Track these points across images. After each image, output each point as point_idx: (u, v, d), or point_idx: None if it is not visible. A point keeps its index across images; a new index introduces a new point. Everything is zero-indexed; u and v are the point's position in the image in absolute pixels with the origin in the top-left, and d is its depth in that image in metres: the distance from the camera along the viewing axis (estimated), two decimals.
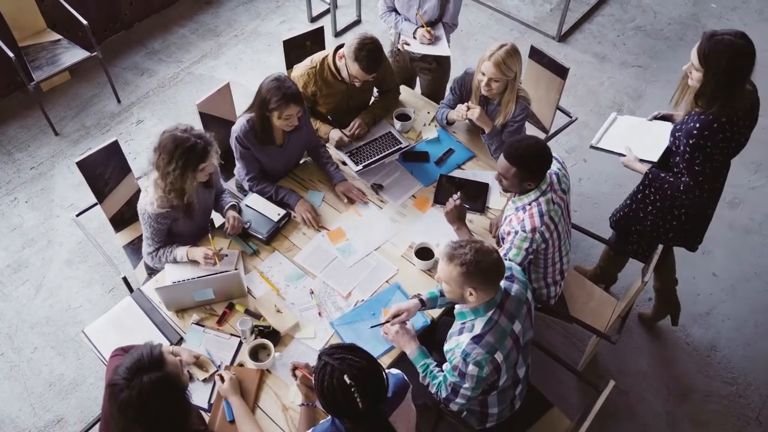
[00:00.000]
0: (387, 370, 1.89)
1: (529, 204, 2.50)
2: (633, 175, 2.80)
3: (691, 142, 2.44)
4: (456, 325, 2.27)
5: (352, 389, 1.76)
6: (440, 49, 3.33)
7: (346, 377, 1.76)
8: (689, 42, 4.87)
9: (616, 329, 2.86)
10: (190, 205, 2.63)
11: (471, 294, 2.13)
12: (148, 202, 2.57)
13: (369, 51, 2.85)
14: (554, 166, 2.57)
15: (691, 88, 2.46)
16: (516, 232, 2.50)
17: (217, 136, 3.24)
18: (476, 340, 2.14)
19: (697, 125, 2.43)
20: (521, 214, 2.51)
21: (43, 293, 3.54)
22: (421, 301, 2.46)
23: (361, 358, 1.81)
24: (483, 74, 2.82)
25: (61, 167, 4.06)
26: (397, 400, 1.97)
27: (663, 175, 2.65)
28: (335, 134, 3.11)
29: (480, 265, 2.09)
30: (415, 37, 3.33)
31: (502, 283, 2.23)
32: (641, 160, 2.70)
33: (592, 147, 2.84)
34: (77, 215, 3.15)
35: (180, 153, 2.43)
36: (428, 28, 3.29)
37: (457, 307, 2.25)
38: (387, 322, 2.43)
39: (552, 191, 2.51)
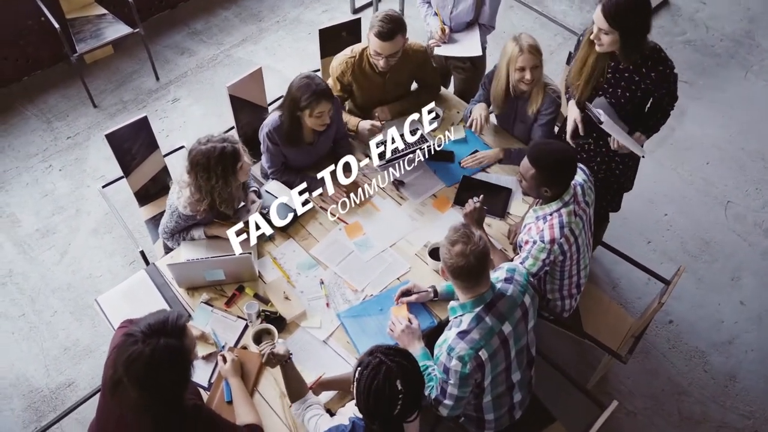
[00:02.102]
0: None
1: (550, 214, 2.44)
2: (665, 190, 2.73)
3: (671, 79, 2.74)
4: (450, 322, 2.24)
5: (400, 396, 1.74)
6: (465, 49, 3.29)
7: (399, 383, 1.73)
8: (740, 60, 4.69)
9: (628, 348, 2.78)
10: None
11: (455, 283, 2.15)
12: (181, 204, 2.57)
13: (383, 17, 2.83)
14: (580, 178, 2.51)
15: (600, 55, 2.64)
16: (534, 242, 2.45)
17: (245, 118, 3.26)
18: (462, 335, 2.12)
19: (660, 67, 2.65)
20: (541, 224, 2.46)
21: (67, 260, 3.63)
22: (435, 291, 2.46)
23: (414, 367, 1.79)
24: (522, 68, 2.79)
25: (96, 139, 4.16)
26: None
27: (652, 123, 2.84)
28: (365, 124, 3.08)
29: (456, 265, 2.08)
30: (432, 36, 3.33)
31: (499, 284, 2.20)
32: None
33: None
34: (103, 186, 3.23)
35: (215, 163, 2.43)
36: (443, 27, 3.26)
37: (450, 302, 2.23)
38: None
39: (575, 203, 2.45)
